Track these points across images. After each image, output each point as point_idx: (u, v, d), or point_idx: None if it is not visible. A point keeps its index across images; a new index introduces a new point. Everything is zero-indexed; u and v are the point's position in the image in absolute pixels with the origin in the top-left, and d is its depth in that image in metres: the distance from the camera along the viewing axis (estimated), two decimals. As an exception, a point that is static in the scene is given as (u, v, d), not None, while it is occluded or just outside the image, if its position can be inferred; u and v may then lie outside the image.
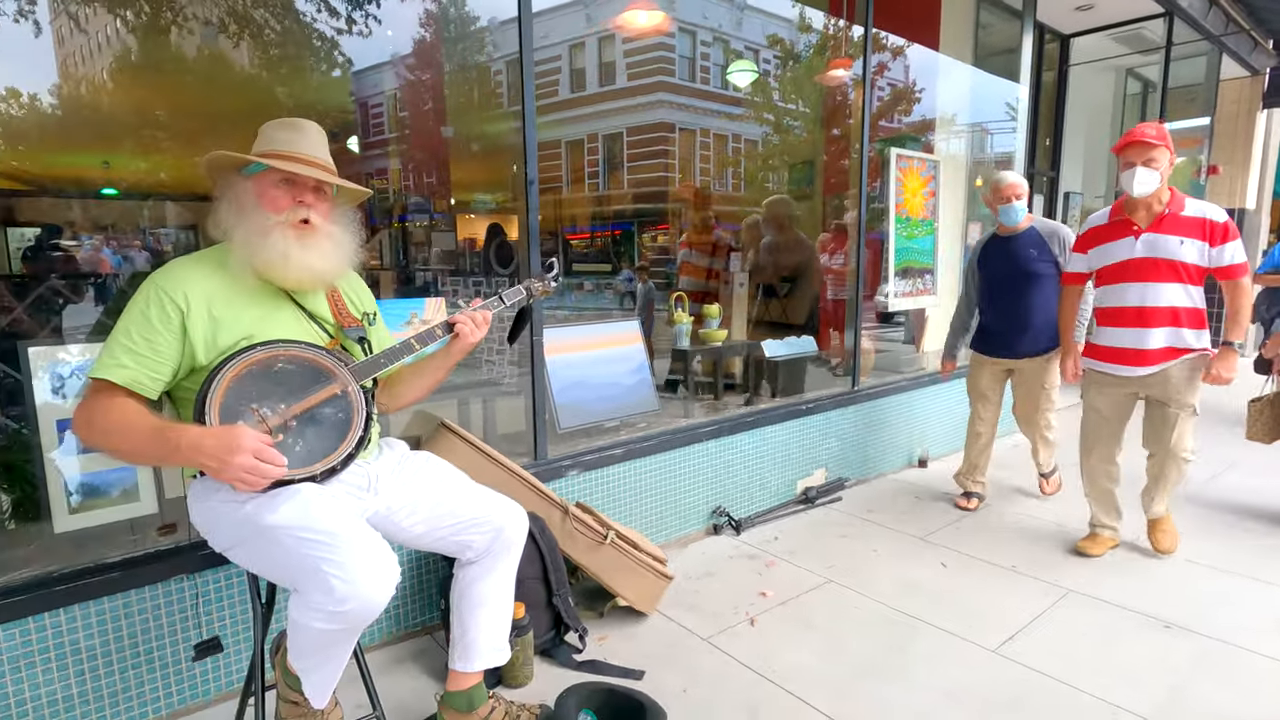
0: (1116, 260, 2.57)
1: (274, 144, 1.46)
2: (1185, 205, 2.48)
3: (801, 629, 2.26)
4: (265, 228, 1.39)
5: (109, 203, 7.74)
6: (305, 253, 1.41)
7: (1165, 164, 2.43)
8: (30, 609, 1.61)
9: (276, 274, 1.41)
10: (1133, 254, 2.53)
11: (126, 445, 1.28)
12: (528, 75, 2.36)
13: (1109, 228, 2.61)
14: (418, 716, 1.81)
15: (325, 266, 1.46)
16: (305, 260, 1.42)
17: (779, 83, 10.99)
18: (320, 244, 1.44)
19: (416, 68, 9.48)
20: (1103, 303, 2.67)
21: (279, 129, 1.48)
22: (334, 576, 1.25)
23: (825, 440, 3.51)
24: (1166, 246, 2.46)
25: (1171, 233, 2.45)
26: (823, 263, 6.13)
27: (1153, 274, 2.49)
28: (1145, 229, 2.50)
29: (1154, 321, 2.51)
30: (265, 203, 1.41)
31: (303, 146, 1.46)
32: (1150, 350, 2.53)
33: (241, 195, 1.43)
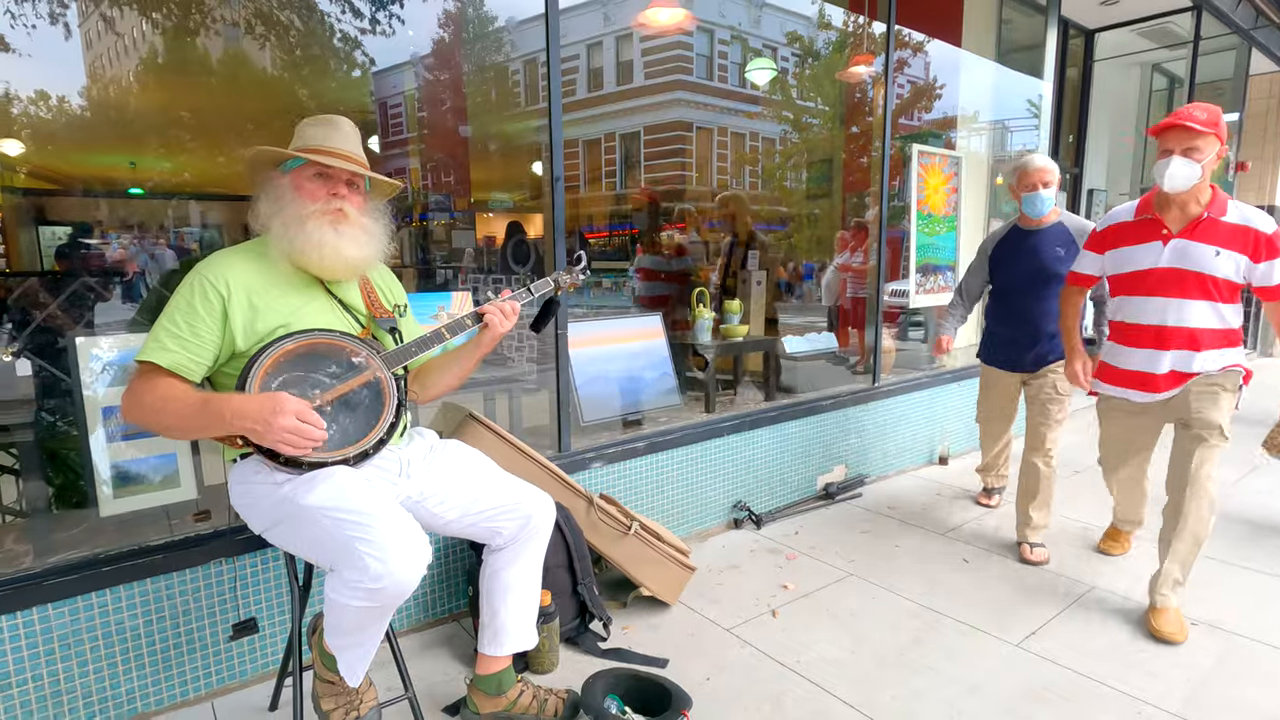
0: (1137, 268, 2.16)
1: (310, 140, 1.51)
2: (1228, 209, 2.04)
3: (823, 621, 2.27)
4: (302, 216, 1.44)
5: (135, 202, 7.92)
6: (340, 240, 1.46)
7: (1210, 156, 1.99)
8: (78, 589, 1.67)
9: (312, 261, 1.45)
10: (1158, 263, 2.10)
11: (173, 419, 1.33)
12: (554, 73, 2.39)
13: (1134, 227, 2.19)
14: (447, 699, 1.85)
15: (359, 254, 1.50)
16: (339, 247, 1.46)
17: (798, 80, 10.96)
18: (354, 233, 1.49)
19: (436, 67, 9.56)
20: (1116, 315, 2.28)
21: (314, 125, 1.54)
22: (369, 555, 1.29)
23: (845, 437, 3.51)
24: (1199, 257, 2.03)
25: (1207, 241, 2.03)
26: (843, 261, 6.13)
27: (1178, 289, 2.08)
28: (1177, 233, 2.07)
29: (1170, 343, 2.12)
30: (302, 194, 1.47)
31: (337, 141, 1.52)
32: (1159, 375, 2.16)
33: (279, 189, 1.49)
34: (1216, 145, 2.00)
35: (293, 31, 6.61)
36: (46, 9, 5.51)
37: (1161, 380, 2.16)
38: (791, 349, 3.54)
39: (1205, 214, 2.04)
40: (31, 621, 1.62)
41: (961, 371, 4.19)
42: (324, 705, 1.52)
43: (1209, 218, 2.04)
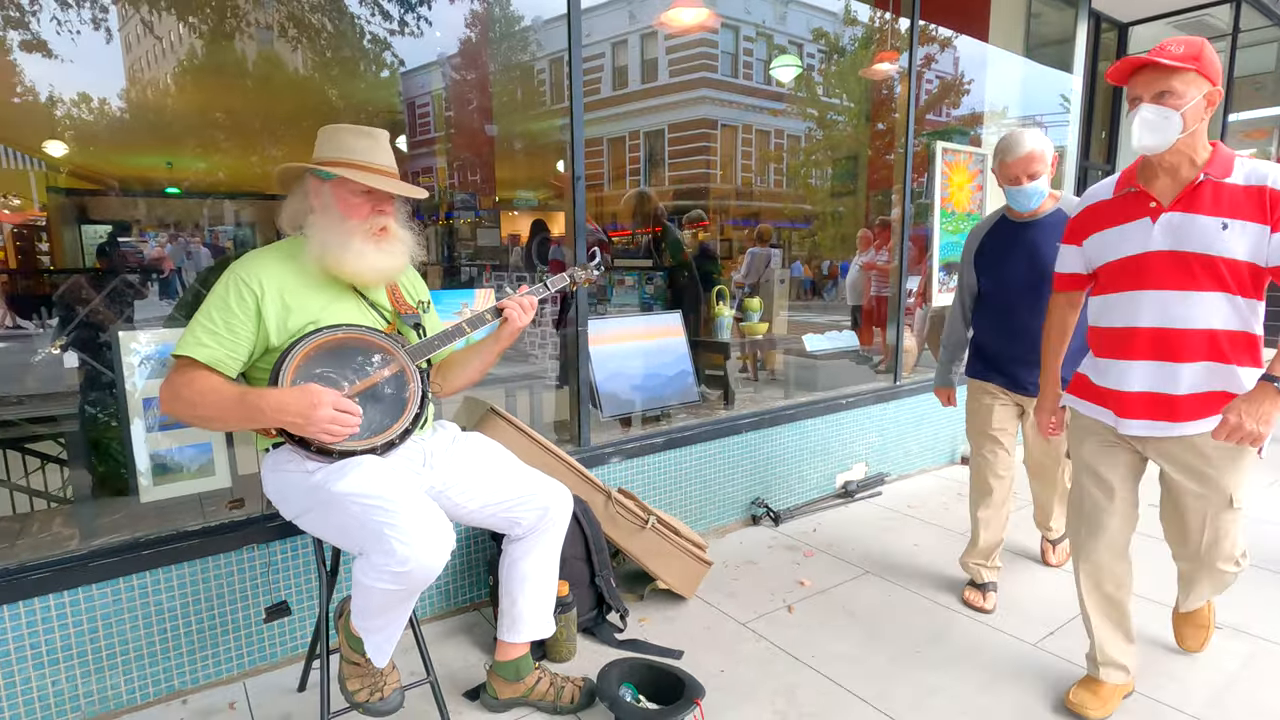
0: (1122, 255, 1.64)
1: (351, 153, 1.53)
2: (1234, 168, 1.54)
3: (840, 618, 2.28)
4: (347, 232, 1.50)
5: (172, 201, 8.16)
6: (379, 256, 1.53)
7: (1194, 100, 1.49)
8: (119, 571, 1.75)
9: (348, 272, 1.52)
10: (1148, 245, 1.59)
11: (211, 411, 1.39)
12: (576, 72, 2.43)
13: (1113, 205, 1.67)
14: (468, 685, 1.91)
15: (395, 265, 1.58)
16: (379, 263, 1.53)
17: (823, 77, 10.89)
18: (393, 246, 1.56)
19: (462, 67, 9.68)
20: (1100, 319, 1.72)
21: (354, 136, 1.55)
22: (395, 540, 1.34)
23: (865, 435, 3.50)
24: (1201, 234, 1.53)
25: (1210, 211, 1.52)
26: (867, 259, 6.09)
27: (1179, 277, 1.56)
28: (1169, 206, 1.57)
29: (1182, 352, 1.57)
30: (346, 209, 1.51)
31: (378, 157, 1.55)
32: (1181, 397, 1.58)
33: (321, 198, 1.53)
34: (1203, 85, 1.50)
35: (324, 34, 6.75)
36: (89, 14, 5.72)
37: (1184, 405, 1.59)
38: (811, 347, 3.55)
39: (1203, 177, 1.54)
40: (77, 600, 1.71)
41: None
42: (350, 686, 1.58)
43: (1208, 180, 1.53)
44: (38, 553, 1.73)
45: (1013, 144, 2.09)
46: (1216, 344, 1.56)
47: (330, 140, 1.55)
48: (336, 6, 6.56)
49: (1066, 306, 1.87)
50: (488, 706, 1.81)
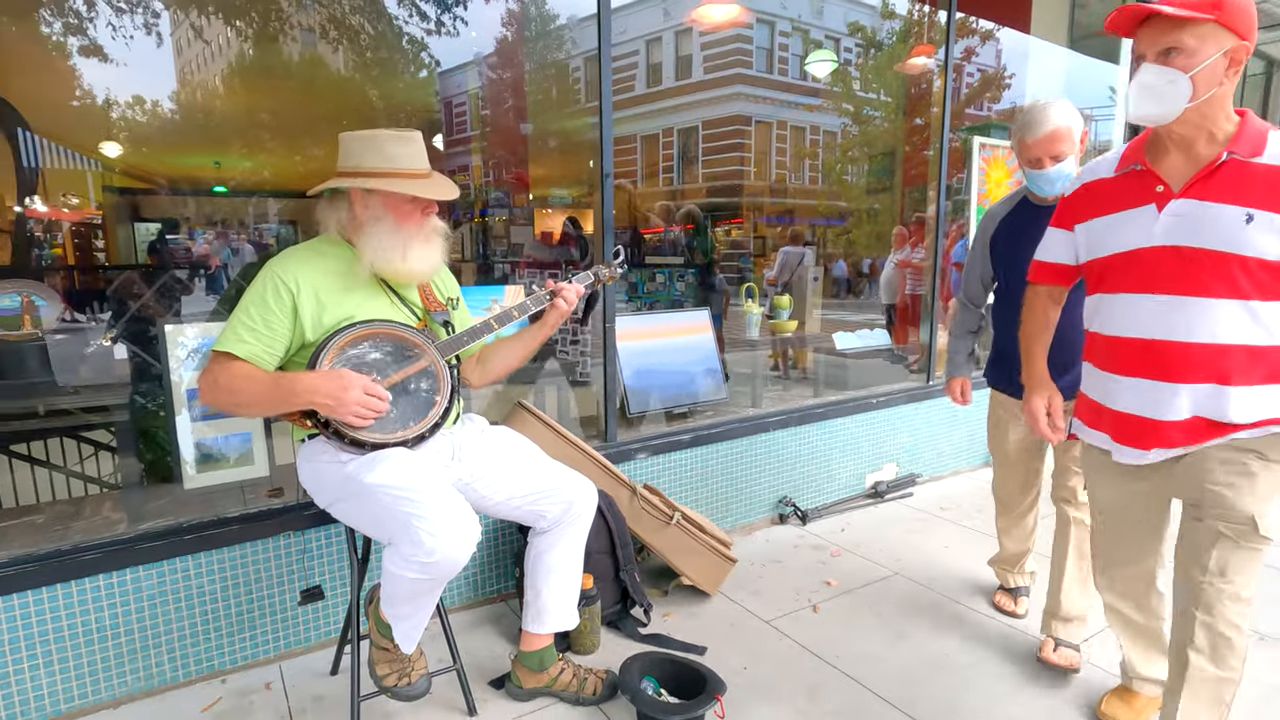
0: (1121, 249, 1.36)
1: (397, 160, 1.54)
2: (1268, 144, 1.24)
3: (866, 618, 2.26)
4: (405, 238, 1.55)
5: (219, 199, 8.44)
6: (434, 254, 1.61)
7: (1211, 58, 1.20)
8: (164, 554, 1.83)
9: (390, 271, 1.57)
10: (1151, 239, 1.31)
11: (248, 396, 1.45)
12: (605, 70, 2.44)
13: (1113, 186, 1.40)
14: (493, 673, 1.94)
15: (441, 261, 1.64)
16: (433, 260, 1.61)
17: (859, 72, 10.73)
18: (441, 244, 1.63)
19: (498, 66, 9.79)
20: (1093, 323, 1.47)
21: (395, 143, 1.55)
22: (423, 531, 1.38)
23: (896, 435, 3.45)
24: (1217, 227, 1.24)
25: (1231, 199, 1.23)
26: (902, 256, 6.00)
27: (1186, 280, 1.28)
28: (1180, 191, 1.28)
29: (1179, 370, 1.30)
30: (400, 217, 1.55)
31: (420, 162, 1.58)
32: (1166, 423, 1.34)
33: (371, 208, 1.55)
34: (1224, 40, 1.20)
35: (363, 35, 6.89)
36: (142, 20, 5.94)
37: (1168, 431, 1.34)
38: (842, 346, 3.51)
39: (1226, 155, 1.23)
40: (125, 581, 1.79)
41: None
42: (379, 670, 1.62)
43: (1233, 160, 1.23)
44: (89, 535, 1.82)
45: (1033, 120, 1.80)
46: (1222, 363, 1.27)
47: (371, 149, 1.54)
48: (376, 8, 6.69)
49: (1047, 301, 1.59)
50: (512, 695, 1.84)
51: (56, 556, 1.72)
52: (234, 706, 1.82)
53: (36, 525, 2.01)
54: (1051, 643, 1.99)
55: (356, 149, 1.55)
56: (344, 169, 1.57)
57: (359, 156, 1.55)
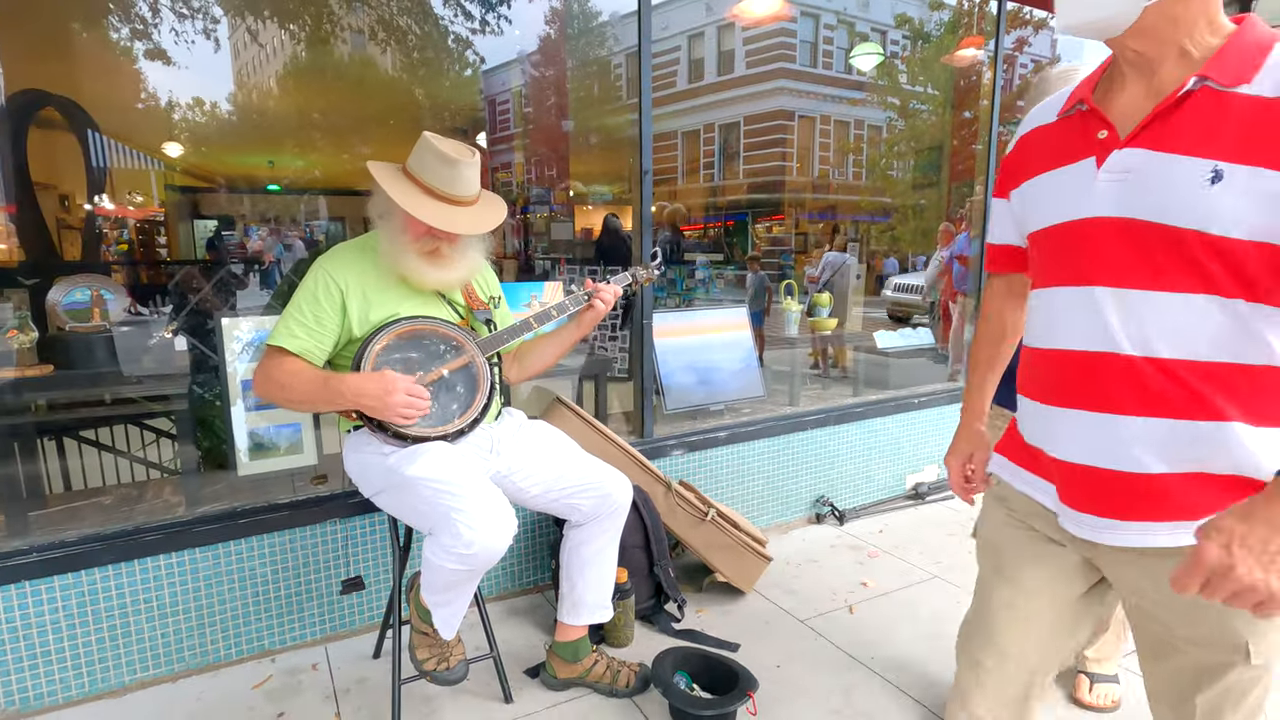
0: (1051, 221, 0.97)
1: (431, 177, 1.53)
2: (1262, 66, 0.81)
3: (903, 621, 2.23)
4: (402, 246, 1.56)
5: (272, 197, 8.74)
6: (432, 271, 1.59)
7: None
8: (220, 537, 1.92)
9: (413, 282, 1.60)
10: (1086, 207, 0.91)
11: (299, 394, 1.51)
12: (645, 68, 2.45)
13: (1055, 133, 1.00)
14: (528, 662, 1.98)
15: (452, 278, 1.63)
16: (430, 277, 1.59)
17: (906, 65, 10.50)
18: (447, 263, 1.60)
19: (541, 64, 9.88)
20: (1029, 331, 1.06)
21: (439, 162, 1.52)
22: (462, 524, 1.42)
23: (939, 436, 3.39)
24: (1169, 187, 0.84)
25: (1191, 148, 0.82)
26: (951, 251, 5.86)
27: (1132, 264, 0.88)
28: (1127, 138, 0.88)
29: (1121, 395, 0.89)
30: (404, 223, 1.55)
31: (455, 187, 1.55)
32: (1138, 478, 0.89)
33: (390, 206, 1.56)
34: None
35: (410, 36, 7.03)
36: (202, 25, 6.18)
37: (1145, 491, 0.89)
38: (883, 344, 3.45)
39: (1195, 81, 0.83)
40: (184, 562, 1.89)
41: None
42: (419, 655, 1.67)
43: (1205, 89, 0.83)
44: (151, 517, 1.92)
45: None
46: (1189, 384, 0.85)
47: (419, 155, 1.55)
48: (423, 9, 6.83)
49: (1004, 299, 1.20)
50: (547, 684, 1.88)
51: (123, 536, 1.82)
52: (283, 685, 1.90)
53: (104, 506, 2.13)
54: (1085, 681, 1.75)
55: (417, 149, 1.57)
56: (406, 165, 1.59)
57: (414, 157, 1.57)
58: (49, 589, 1.75)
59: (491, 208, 1.65)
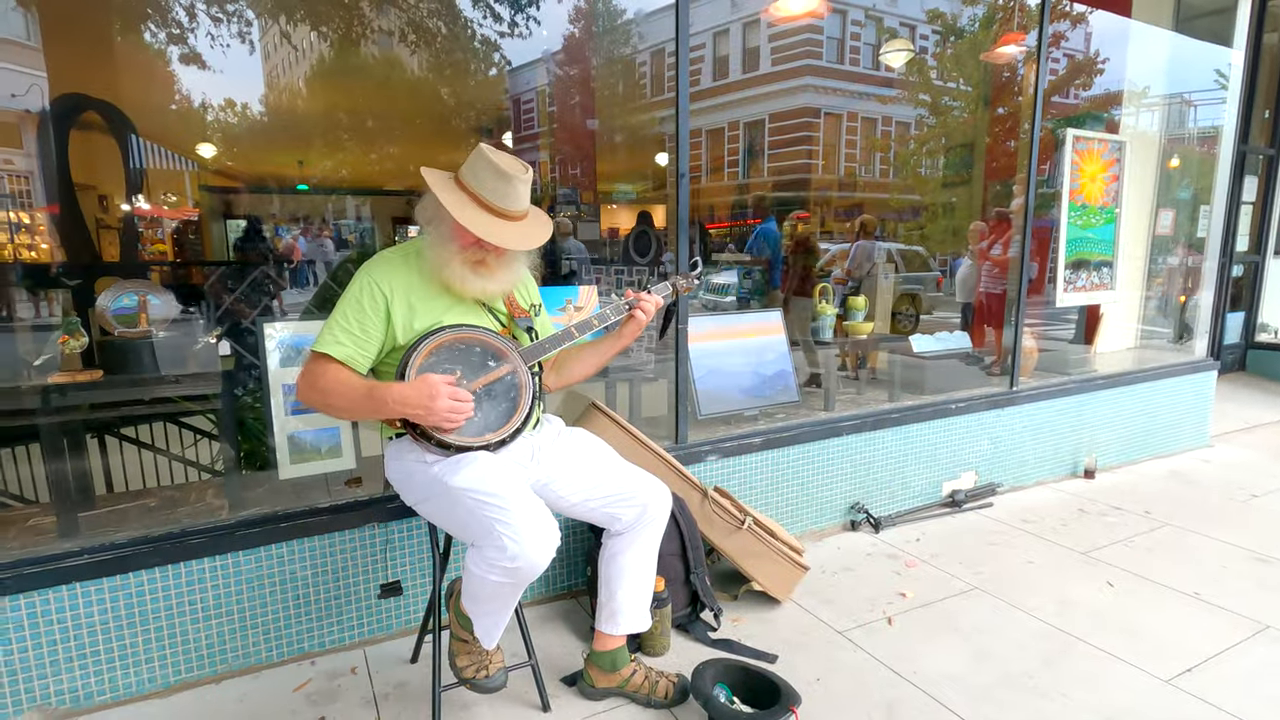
0: None
1: (485, 190, 1.54)
2: None
3: (943, 634, 2.19)
4: (448, 255, 1.56)
5: (301, 197, 8.86)
6: (476, 280, 1.58)
7: None
8: (261, 540, 1.94)
9: (455, 290, 1.59)
10: None
11: (343, 402, 1.51)
12: (683, 70, 2.42)
13: None
14: (565, 670, 1.97)
15: (496, 289, 1.62)
16: (474, 287, 1.59)
17: (938, 60, 10.30)
18: (492, 275, 1.60)
19: (566, 63, 9.88)
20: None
21: (493, 176, 1.53)
22: (506, 537, 1.41)
23: (976, 442, 3.32)
24: None
25: None
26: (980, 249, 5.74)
27: None
28: None
29: None
30: (452, 233, 1.55)
31: (508, 202, 1.55)
32: None
33: (440, 214, 1.57)
34: None
35: (439, 37, 7.07)
36: (236, 29, 6.27)
37: None
38: (919, 348, 3.39)
39: None
40: (227, 565, 1.91)
41: (1119, 377, 3.83)
42: (459, 662, 1.67)
43: None
44: (196, 519, 1.95)
45: None
46: None
47: (474, 166, 1.55)
48: (452, 11, 6.85)
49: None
50: (584, 694, 1.87)
51: (169, 539, 1.85)
52: (323, 688, 1.92)
53: (149, 508, 2.16)
54: None
55: (472, 160, 1.56)
56: (459, 175, 1.59)
57: (467, 166, 1.57)
58: (98, 590, 1.78)
59: (539, 224, 1.64)
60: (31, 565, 1.71)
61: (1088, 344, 4.67)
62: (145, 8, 5.85)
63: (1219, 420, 4.48)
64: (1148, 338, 5.13)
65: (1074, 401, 3.63)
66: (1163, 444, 4.04)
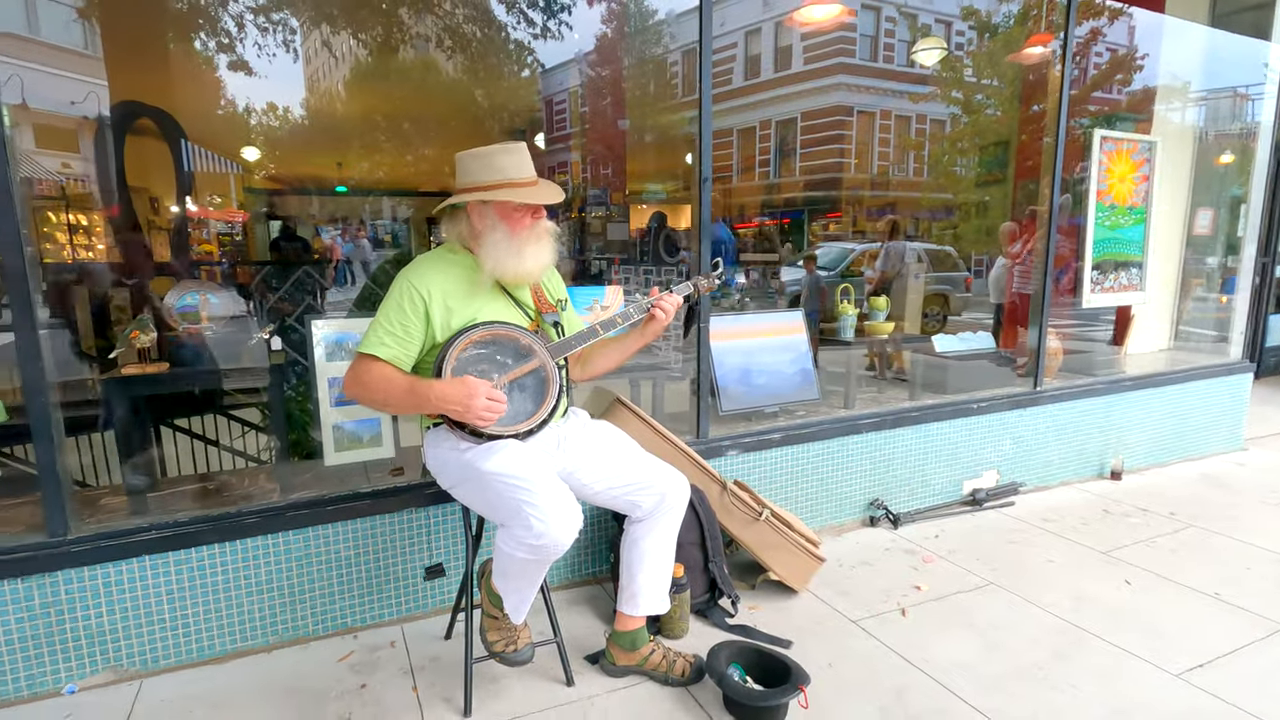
0: None
1: (505, 170, 1.69)
2: None
3: (956, 626, 2.25)
4: (520, 242, 1.70)
5: (339, 198, 9.14)
6: (545, 253, 1.74)
7: None
8: (309, 521, 2.09)
9: (522, 275, 1.72)
10: None
11: (387, 398, 1.65)
12: (705, 74, 2.51)
13: None
14: (589, 649, 2.09)
15: (552, 259, 1.78)
16: (544, 259, 1.74)
17: (972, 58, 10.17)
18: (551, 243, 1.76)
19: (598, 64, 10.00)
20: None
21: (502, 156, 1.70)
22: (533, 517, 1.52)
23: (998, 442, 3.34)
24: None
25: None
26: (1014, 251, 5.71)
27: None
28: None
29: None
30: (512, 224, 1.69)
31: (526, 170, 1.71)
32: None
33: (487, 218, 1.71)
34: None
35: (474, 42, 7.25)
36: (281, 37, 6.53)
37: None
38: (941, 348, 3.43)
39: None
40: (278, 543, 2.06)
41: (1149, 378, 3.80)
42: (489, 637, 1.80)
43: None
44: (249, 502, 2.11)
45: None
46: None
47: (481, 164, 1.69)
48: (487, 17, 7.02)
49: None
50: (606, 671, 1.98)
51: (227, 518, 2.01)
52: (365, 660, 2.06)
53: (208, 490, 2.33)
54: None
55: (471, 166, 1.71)
56: (462, 185, 1.73)
57: (474, 173, 1.71)
58: (164, 563, 1.95)
59: (552, 185, 1.77)
60: (107, 539, 1.89)
61: (1117, 345, 4.63)
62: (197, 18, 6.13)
63: (1256, 424, 4.40)
64: (1183, 339, 5.05)
65: (1101, 402, 3.62)
66: (1194, 446, 4.00)
